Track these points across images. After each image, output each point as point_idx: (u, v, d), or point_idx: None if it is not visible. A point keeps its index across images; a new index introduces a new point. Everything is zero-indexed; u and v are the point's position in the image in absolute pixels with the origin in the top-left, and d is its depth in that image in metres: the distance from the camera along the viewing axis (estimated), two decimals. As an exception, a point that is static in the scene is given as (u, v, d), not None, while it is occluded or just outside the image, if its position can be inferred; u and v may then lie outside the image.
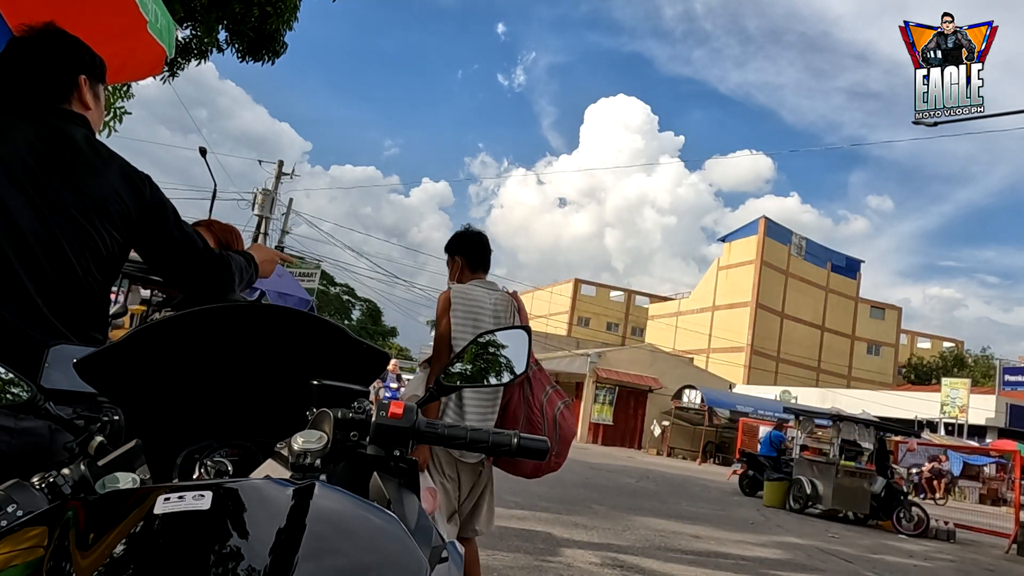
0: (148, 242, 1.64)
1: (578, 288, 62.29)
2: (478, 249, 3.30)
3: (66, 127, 1.53)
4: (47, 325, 1.42)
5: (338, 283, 51.79)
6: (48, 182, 1.45)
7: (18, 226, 1.40)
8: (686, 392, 28.42)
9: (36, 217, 1.42)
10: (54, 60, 1.59)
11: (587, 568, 5.25)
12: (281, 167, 22.97)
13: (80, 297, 1.50)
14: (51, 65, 1.58)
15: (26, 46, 1.57)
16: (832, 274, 49.71)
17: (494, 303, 3.12)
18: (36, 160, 1.45)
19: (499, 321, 3.08)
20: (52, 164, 1.47)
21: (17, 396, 0.91)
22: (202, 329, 1.02)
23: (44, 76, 1.57)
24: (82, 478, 0.85)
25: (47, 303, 1.43)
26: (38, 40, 1.59)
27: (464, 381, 1.24)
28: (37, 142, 1.47)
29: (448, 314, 3.04)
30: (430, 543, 0.83)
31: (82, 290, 1.50)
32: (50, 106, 1.55)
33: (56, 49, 1.60)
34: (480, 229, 3.38)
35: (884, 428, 13.28)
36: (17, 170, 1.43)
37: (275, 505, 0.68)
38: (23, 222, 1.41)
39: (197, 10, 6.15)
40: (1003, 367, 32.56)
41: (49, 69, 1.58)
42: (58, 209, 1.45)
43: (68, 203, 1.46)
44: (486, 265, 3.32)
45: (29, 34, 1.59)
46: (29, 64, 1.56)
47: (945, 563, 8.93)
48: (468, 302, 3.08)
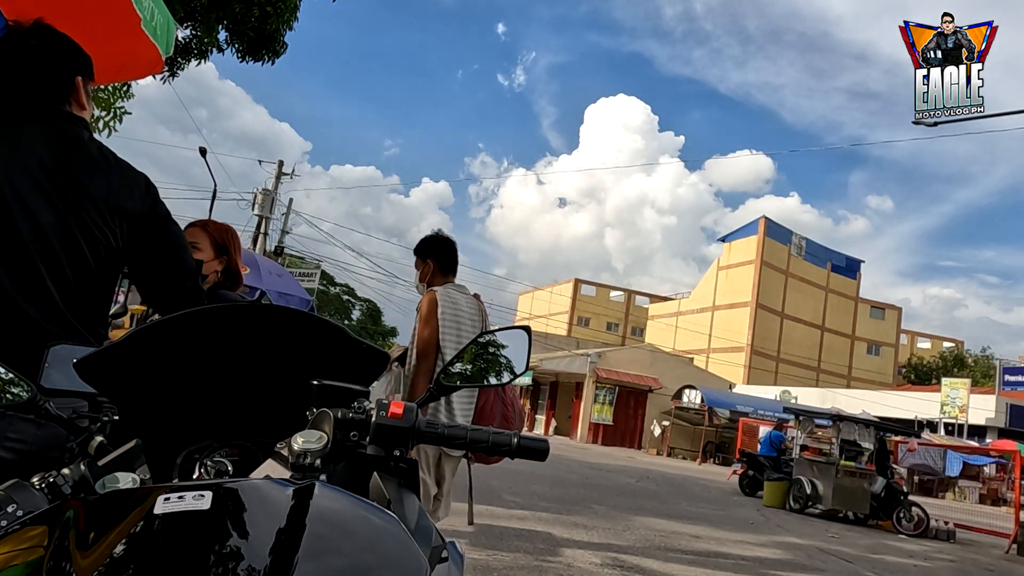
0: (141, 245, 1.65)
1: (578, 288, 62.31)
2: (450, 253, 3.42)
3: (74, 129, 1.57)
4: (65, 323, 1.48)
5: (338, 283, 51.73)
6: (65, 184, 1.49)
7: (41, 227, 1.45)
8: (686, 392, 28.43)
9: (56, 218, 1.47)
10: (53, 62, 1.61)
11: (587, 568, 5.25)
12: (281, 167, 22.97)
13: (94, 296, 1.56)
14: (51, 67, 1.60)
15: (22, 47, 1.58)
16: (832, 274, 49.72)
17: (469, 307, 3.24)
18: (53, 162, 1.49)
19: (475, 325, 3.20)
20: (66, 166, 1.51)
21: (17, 396, 0.91)
22: (202, 329, 1.02)
23: (45, 79, 1.58)
24: (82, 478, 0.85)
25: (66, 302, 1.49)
26: (33, 40, 1.59)
27: (464, 381, 1.24)
28: (52, 145, 1.51)
29: (436, 317, 3.11)
30: (430, 543, 0.83)
31: (96, 289, 1.56)
32: (54, 108, 1.57)
33: (53, 50, 1.61)
34: (450, 235, 3.51)
35: (884, 428, 13.28)
36: (37, 172, 1.47)
37: (275, 505, 0.68)
38: (45, 223, 1.45)
39: (197, 10, 6.15)
40: (1003, 367, 32.57)
41: (49, 71, 1.59)
42: (74, 210, 1.49)
43: (83, 204, 1.50)
44: (455, 269, 3.43)
45: (20, 33, 1.59)
46: (28, 66, 1.57)
47: (945, 563, 8.94)
48: (453, 306, 3.17)
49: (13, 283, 1.42)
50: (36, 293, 1.45)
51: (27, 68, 1.56)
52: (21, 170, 1.46)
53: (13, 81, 1.56)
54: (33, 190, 1.45)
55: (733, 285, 46.61)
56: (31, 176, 1.45)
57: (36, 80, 1.57)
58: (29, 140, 1.49)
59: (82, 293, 1.52)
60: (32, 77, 1.57)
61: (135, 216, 1.60)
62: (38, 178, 1.46)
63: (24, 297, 1.43)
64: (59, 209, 1.47)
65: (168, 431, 1.01)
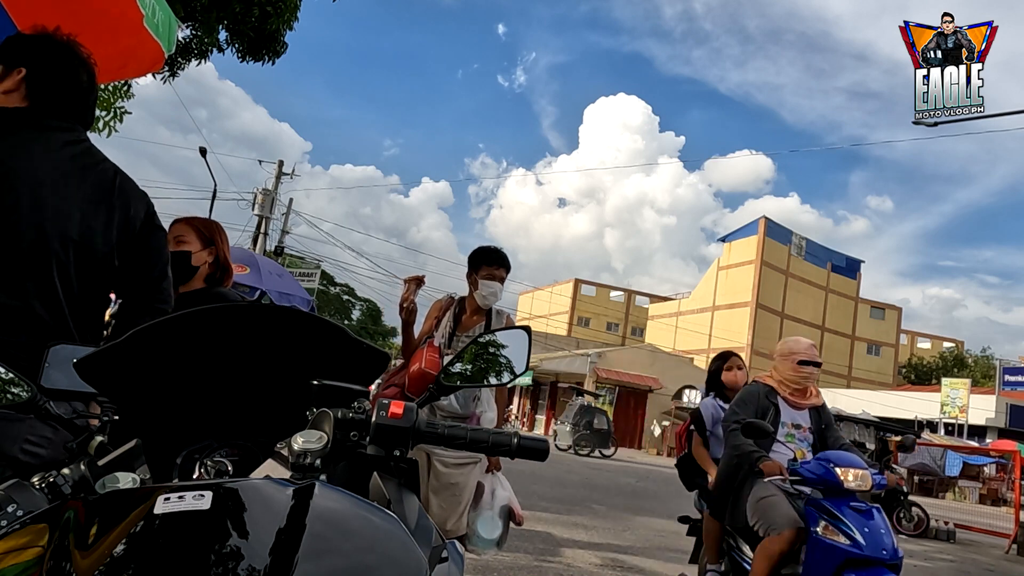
0: (129, 246, 1.70)
1: (578, 288, 62.29)
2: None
3: (86, 139, 1.67)
4: (67, 322, 1.54)
5: (338, 283, 51.75)
6: (84, 190, 1.57)
7: (67, 230, 1.52)
8: (686, 392, 28.40)
9: (75, 220, 1.54)
10: (86, 83, 1.72)
11: (587, 568, 5.25)
12: (281, 167, 22.95)
13: (95, 297, 1.62)
14: (82, 87, 1.71)
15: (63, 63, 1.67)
16: (832, 274, 49.71)
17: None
18: (71, 166, 1.57)
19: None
20: (77, 171, 1.58)
21: (17, 396, 0.91)
22: (202, 329, 1.02)
23: (76, 97, 1.69)
24: (82, 478, 0.85)
25: (79, 302, 1.56)
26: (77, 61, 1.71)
27: (464, 381, 1.24)
28: (63, 151, 1.59)
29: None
30: (430, 543, 0.83)
31: (106, 289, 1.63)
32: (73, 120, 1.66)
33: (87, 71, 1.73)
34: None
35: (884, 428, 13.28)
36: (60, 177, 1.54)
37: (275, 505, 0.68)
38: (70, 226, 1.53)
39: (197, 10, 6.14)
40: (1003, 367, 32.57)
41: (80, 90, 1.70)
42: (89, 213, 1.57)
43: (96, 206, 1.58)
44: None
45: (56, 45, 1.69)
46: (63, 84, 1.66)
47: (945, 563, 8.93)
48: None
49: (30, 280, 1.48)
50: (50, 294, 1.50)
51: (74, 97, 1.66)
52: (52, 169, 1.53)
53: (57, 101, 1.64)
54: (55, 195, 1.52)
55: (733, 285, 46.59)
56: (54, 181, 1.53)
57: (78, 107, 1.67)
58: (47, 148, 1.56)
59: (94, 294, 1.58)
60: (76, 105, 1.66)
61: (137, 227, 1.67)
62: (60, 183, 1.54)
63: (36, 295, 1.48)
64: (78, 211, 1.54)
65: (168, 431, 1.01)
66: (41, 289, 1.47)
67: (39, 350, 1.06)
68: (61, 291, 1.50)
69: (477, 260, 3.26)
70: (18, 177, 1.46)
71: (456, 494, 3.03)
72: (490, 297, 3.21)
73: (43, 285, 1.47)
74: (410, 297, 3.06)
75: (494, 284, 3.20)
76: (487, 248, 3.31)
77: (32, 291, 1.46)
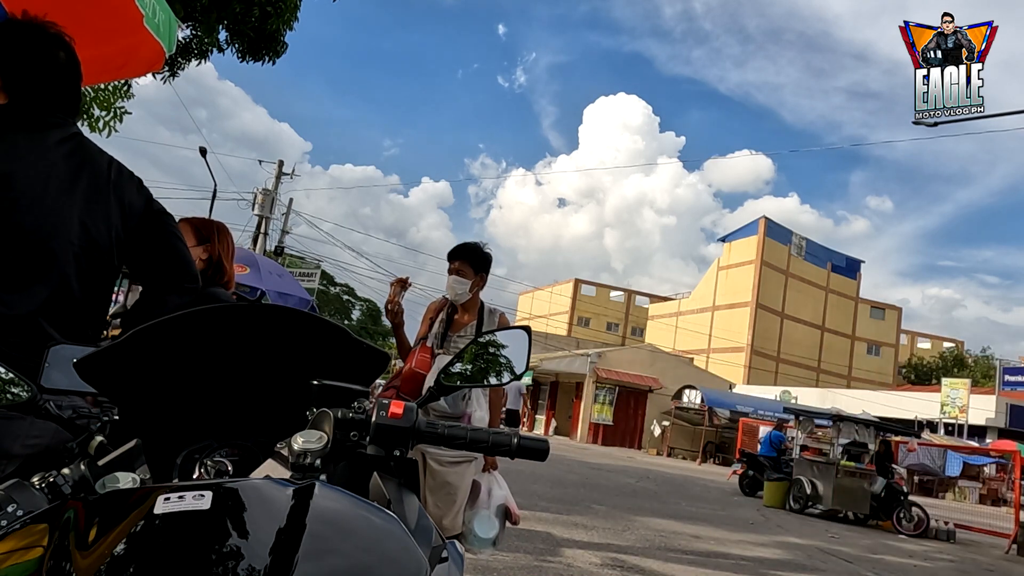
0: (142, 239, 1.70)
1: (578, 288, 62.28)
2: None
3: (81, 134, 1.64)
4: (69, 322, 1.53)
5: (338, 283, 51.81)
6: (81, 188, 1.55)
7: (67, 232, 1.51)
8: (686, 392, 28.42)
9: (77, 221, 1.53)
10: (76, 76, 1.67)
11: (587, 568, 5.25)
12: (281, 167, 22.96)
13: (96, 296, 1.61)
14: (75, 81, 1.67)
15: (51, 57, 1.63)
16: (832, 274, 49.71)
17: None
18: (70, 168, 1.55)
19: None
20: (78, 171, 1.56)
21: (17, 396, 0.91)
22: (202, 329, 1.02)
23: (70, 91, 1.65)
24: (82, 478, 0.85)
25: (80, 302, 1.55)
26: (62, 52, 1.65)
27: (464, 381, 1.23)
28: (73, 148, 1.57)
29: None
30: (430, 543, 0.83)
31: (98, 289, 1.61)
32: (68, 115, 1.64)
33: (75, 65, 1.68)
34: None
35: (884, 428, 13.28)
36: (65, 181, 1.53)
37: (275, 505, 0.68)
38: (71, 228, 1.51)
39: (197, 10, 6.14)
40: (1003, 367, 32.56)
41: (73, 85, 1.66)
42: (91, 211, 1.56)
43: (94, 204, 1.56)
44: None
45: (49, 39, 1.64)
46: (57, 78, 1.62)
47: (945, 563, 8.93)
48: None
49: (31, 282, 1.47)
50: (62, 294, 1.50)
51: (55, 79, 1.61)
52: (48, 170, 1.51)
53: (38, 88, 1.59)
54: (60, 198, 1.51)
55: (733, 285, 46.58)
56: (60, 184, 1.52)
57: (62, 91, 1.62)
58: (45, 149, 1.54)
59: (100, 294, 1.58)
60: (59, 89, 1.61)
61: (138, 214, 1.66)
62: (66, 187, 1.52)
63: (37, 296, 1.47)
64: (79, 209, 1.53)
65: (168, 431, 1.01)
66: (42, 290, 1.47)
67: (39, 350, 1.06)
68: (62, 292, 1.50)
69: (448, 258, 3.31)
70: (14, 182, 1.44)
71: (451, 493, 3.03)
72: (450, 292, 3.23)
73: (44, 287, 1.47)
74: (395, 299, 3.13)
75: (453, 278, 3.22)
76: (455, 245, 3.35)
77: (33, 292, 1.46)
